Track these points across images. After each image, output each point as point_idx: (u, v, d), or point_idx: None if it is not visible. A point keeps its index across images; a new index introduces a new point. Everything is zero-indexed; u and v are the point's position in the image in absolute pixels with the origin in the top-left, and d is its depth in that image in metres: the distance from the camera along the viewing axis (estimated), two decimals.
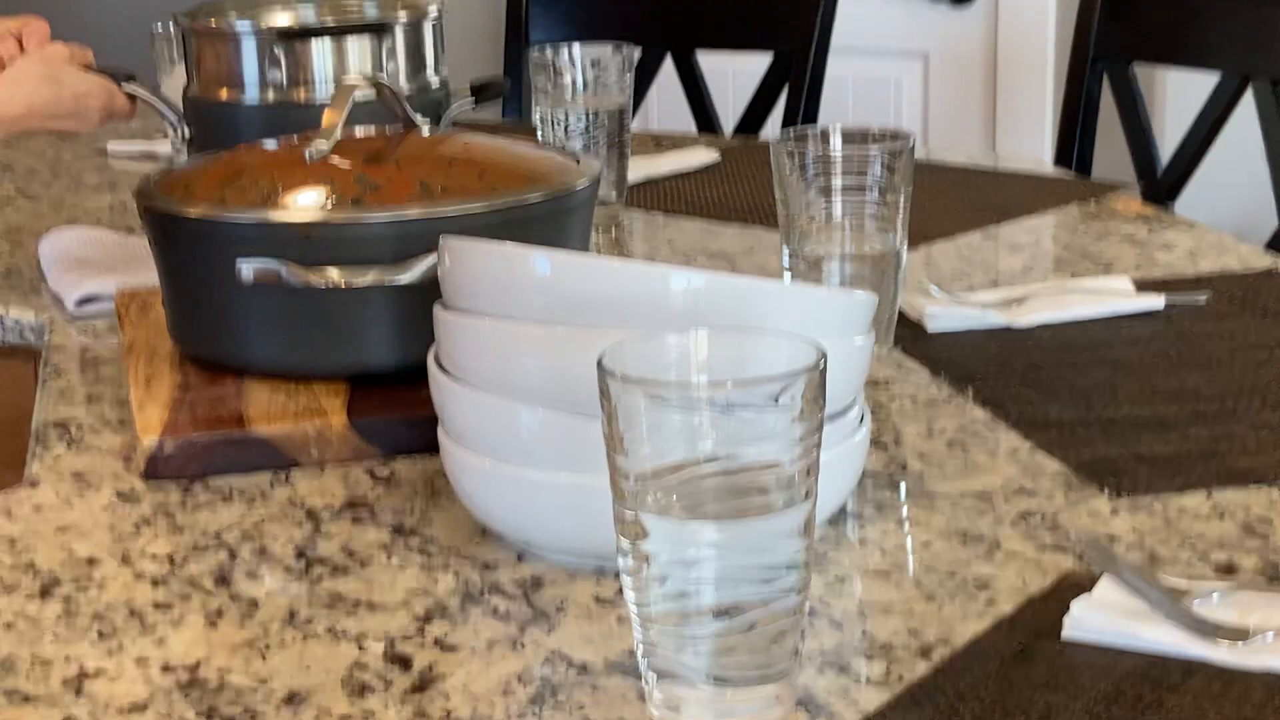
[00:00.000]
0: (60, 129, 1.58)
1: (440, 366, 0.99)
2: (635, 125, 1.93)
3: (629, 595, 0.78)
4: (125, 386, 1.25)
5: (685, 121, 2.55)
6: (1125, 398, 1.20)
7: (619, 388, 0.76)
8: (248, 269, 1.15)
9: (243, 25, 1.49)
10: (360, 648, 0.88)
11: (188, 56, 1.52)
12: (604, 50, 1.67)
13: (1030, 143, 3.10)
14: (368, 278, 1.14)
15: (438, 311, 0.99)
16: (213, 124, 1.49)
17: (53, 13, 1.24)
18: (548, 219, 1.19)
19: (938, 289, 1.42)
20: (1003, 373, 1.26)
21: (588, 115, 1.64)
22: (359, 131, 1.27)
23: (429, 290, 1.05)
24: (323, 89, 1.47)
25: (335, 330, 1.17)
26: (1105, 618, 0.85)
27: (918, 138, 1.26)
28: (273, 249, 1.15)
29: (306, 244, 1.15)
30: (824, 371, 0.76)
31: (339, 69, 1.47)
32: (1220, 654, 0.83)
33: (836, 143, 1.25)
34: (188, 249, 1.20)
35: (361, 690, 0.84)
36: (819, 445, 0.77)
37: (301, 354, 1.18)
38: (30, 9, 1.70)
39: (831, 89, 2.54)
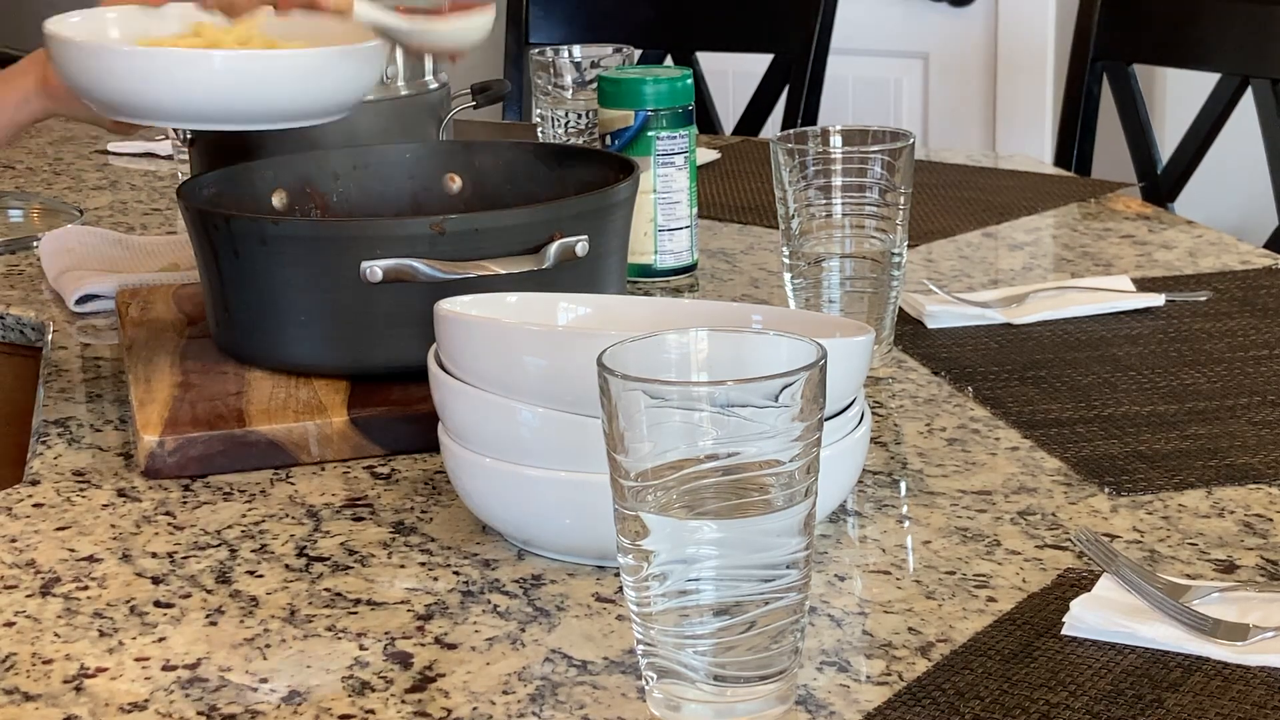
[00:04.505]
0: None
1: (440, 365, 0.99)
2: None
3: (629, 594, 0.78)
4: (125, 385, 1.25)
5: None
6: (1125, 396, 1.20)
7: (619, 386, 0.76)
8: (376, 269, 1.15)
9: None
10: (360, 646, 0.88)
11: None
12: (604, 50, 1.67)
13: (1030, 143, 3.10)
14: (519, 265, 1.16)
15: (438, 309, 0.99)
16: None
17: (54, 13, 1.23)
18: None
19: (937, 288, 1.42)
20: (1002, 371, 1.26)
21: (587, 115, 1.64)
22: None
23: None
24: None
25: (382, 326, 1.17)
26: (1105, 615, 0.85)
27: (917, 138, 1.26)
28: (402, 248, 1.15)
29: (438, 240, 1.15)
30: (824, 370, 0.76)
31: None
32: (1220, 652, 0.83)
33: (836, 142, 1.26)
34: (306, 255, 1.18)
35: (362, 689, 0.84)
36: (819, 443, 0.77)
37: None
38: (33, 7, 1.69)
39: (831, 89, 2.54)
